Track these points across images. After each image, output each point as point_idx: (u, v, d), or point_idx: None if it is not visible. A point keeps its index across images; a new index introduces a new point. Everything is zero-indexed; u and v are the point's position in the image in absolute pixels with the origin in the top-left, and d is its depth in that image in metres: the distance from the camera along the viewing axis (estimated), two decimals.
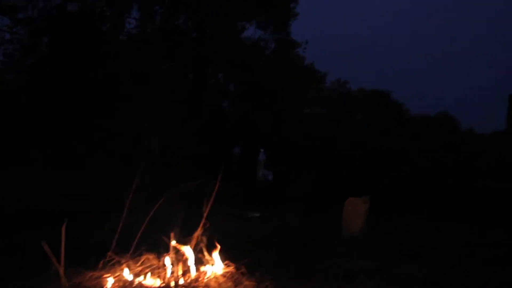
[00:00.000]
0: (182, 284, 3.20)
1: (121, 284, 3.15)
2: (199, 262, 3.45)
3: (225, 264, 3.49)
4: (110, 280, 3.14)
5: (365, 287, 3.61)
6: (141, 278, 3.23)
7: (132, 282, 3.16)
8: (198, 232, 3.51)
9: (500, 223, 5.96)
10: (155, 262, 3.31)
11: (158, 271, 3.28)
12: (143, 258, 3.32)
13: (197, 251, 3.46)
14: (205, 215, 3.63)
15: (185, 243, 3.41)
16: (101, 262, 3.31)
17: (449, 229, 6.13)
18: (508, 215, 5.88)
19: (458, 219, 6.70)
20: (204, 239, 3.50)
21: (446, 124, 25.88)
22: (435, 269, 4.06)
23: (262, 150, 11.74)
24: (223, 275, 3.41)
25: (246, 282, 3.41)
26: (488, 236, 5.59)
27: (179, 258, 3.34)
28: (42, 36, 11.85)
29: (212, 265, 3.46)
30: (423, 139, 20.75)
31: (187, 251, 3.37)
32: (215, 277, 3.36)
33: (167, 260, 3.29)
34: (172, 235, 3.36)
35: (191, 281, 3.27)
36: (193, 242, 3.47)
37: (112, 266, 3.29)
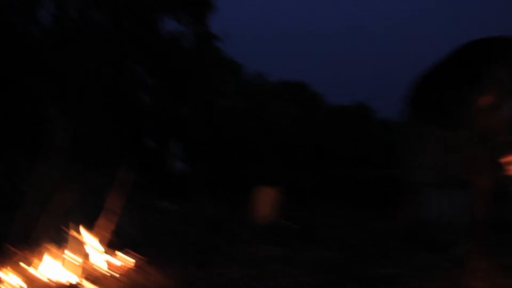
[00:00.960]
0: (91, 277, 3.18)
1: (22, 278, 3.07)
2: (102, 252, 3.43)
3: (132, 255, 3.51)
4: (8, 274, 3.05)
5: (272, 273, 3.71)
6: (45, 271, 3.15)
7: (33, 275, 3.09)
8: (100, 222, 3.49)
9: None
10: (55, 253, 3.23)
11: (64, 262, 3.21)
12: (44, 250, 3.24)
13: (100, 242, 3.45)
14: (108, 206, 3.61)
15: (87, 233, 3.38)
16: None
17: (357, 217, 6.43)
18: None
19: (368, 207, 7.02)
20: (107, 230, 3.49)
21: (361, 114, 26.81)
22: (340, 255, 4.21)
23: (176, 142, 11.72)
24: (129, 266, 3.44)
25: (154, 273, 3.44)
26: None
27: (81, 249, 3.30)
28: None
29: (114, 256, 3.46)
30: (339, 130, 21.41)
31: (89, 241, 3.34)
32: (121, 268, 3.38)
33: (68, 252, 3.22)
34: (73, 225, 3.31)
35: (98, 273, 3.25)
36: (95, 233, 3.45)
37: (10, 259, 3.20)
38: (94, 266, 3.32)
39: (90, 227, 3.47)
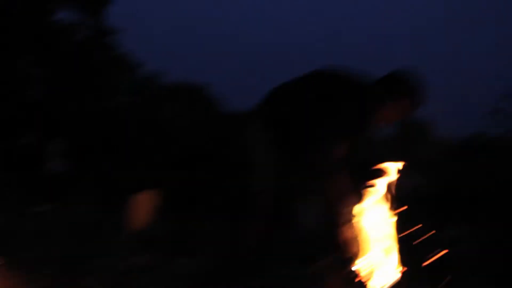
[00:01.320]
0: None
1: None
2: None
3: None
4: None
5: (135, 283, 3.61)
6: None
7: None
8: None
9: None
10: None
11: None
12: None
13: None
14: None
15: None
16: None
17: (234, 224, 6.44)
18: None
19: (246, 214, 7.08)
20: None
21: None
22: (212, 264, 4.18)
23: (58, 139, 11.21)
24: None
25: (7, 277, 3.23)
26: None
27: None
28: None
29: None
30: (233, 135, 21.56)
31: None
32: None
33: None
34: None
35: None
36: None
37: None
38: None
39: None
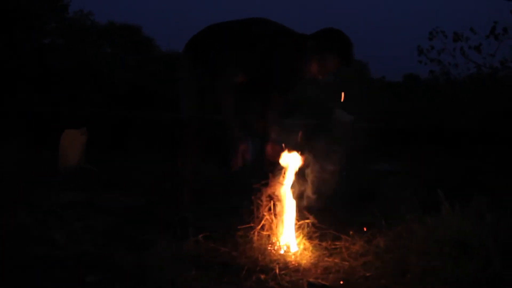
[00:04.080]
0: None
1: None
2: None
3: None
4: None
5: (67, 219, 3.55)
6: None
7: None
8: None
9: None
10: None
11: None
12: None
13: None
14: None
15: None
16: None
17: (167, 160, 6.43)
18: None
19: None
20: None
21: None
22: (146, 200, 4.18)
23: None
24: None
25: None
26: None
27: None
28: None
29: None
30: (170, 75, 21.25)
31: None
32: None
33: None
34: None
35: None
36: None
37: None
38: None
39: None
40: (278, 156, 2.82)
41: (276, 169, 2.79)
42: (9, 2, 13.67)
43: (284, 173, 2.74)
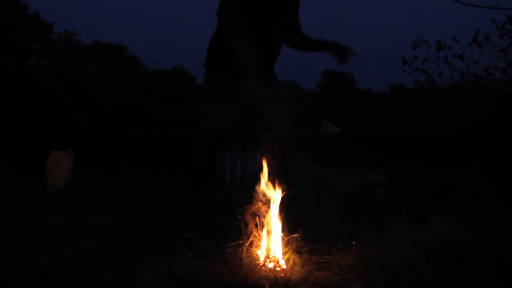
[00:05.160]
0: None
1: None
2: None
3: None
4: None
5: (54, 241, 3.51)
6: None
7: None
8: None
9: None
10: None
11: None
12: None
13: None
14: None
15: None
16: None
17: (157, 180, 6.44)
18: None
19: (171, 169, 7.09)
20: None
21: (180, 78, 27.01)
22: (134, 219, 4.16)
23: None
24: None
25: None
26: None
27: None
28: None
29: None
30: (157, 93, 21.25)
31: None
32: None
33: None
34: None
35: None
36: None
37: None
38: None
39: None
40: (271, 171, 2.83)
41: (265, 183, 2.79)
42: None
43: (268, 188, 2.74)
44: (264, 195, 2.72)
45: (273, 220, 2.70)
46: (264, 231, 2.67)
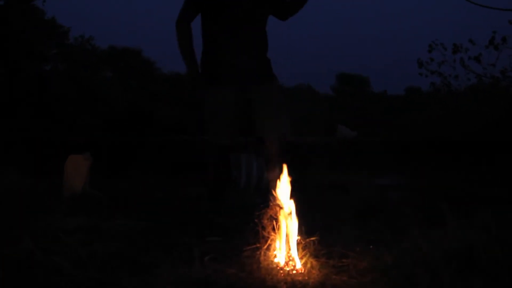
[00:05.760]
0: None
1: None
2: None
3: None
4: None
5: (72, 245, 3.53)
6: None
7: None
8: None
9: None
10: None
11: None
12: None
13: None
14: None
15: None
16: None
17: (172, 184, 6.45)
18: None
19: (186, 174, 7.11)
20: None
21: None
22: (150, 223, 4.16)
23: None
24: None
25: None
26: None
27: None
28: None
29: None
30: (172, 97, 21.34)
31: None
32: None
33: None
34: None
35: None
36: None
37: None
38: None
39: None
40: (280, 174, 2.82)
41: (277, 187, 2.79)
42: (10, 29, 13.80)
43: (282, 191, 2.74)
44: (280, 199, 2.72)
45: (290, 224, 2.69)
46: (282, 234, 2.66)
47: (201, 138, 6.92)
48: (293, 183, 2.78)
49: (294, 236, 2.68)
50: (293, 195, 2.77)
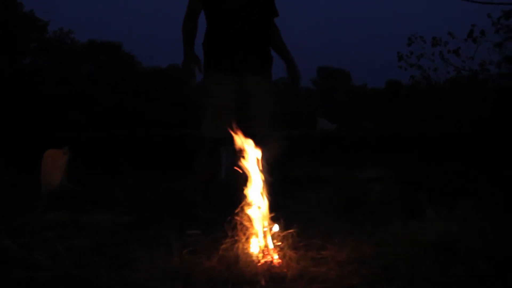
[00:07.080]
0: None
1: None
2: None
3: None
4: None
5: (49, 240, 3.49)
6: None
7: None
8: None
9: None
10: None
11: None
12: None
13: None
14: None
15: None
16: None
17: (153, 178, 6.40)
18: None
19: (167, 168, 7.06)
20: None
21: (177, 76, 26.92)
22: (131, 218, 4.13)
23: None
24: None
25: None
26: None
27: None
28: None
29: None
30: (155, 92, 21.19)
31: None
32: None
33: None
34: None
35: None
36: None
37: None
38: None
39: None
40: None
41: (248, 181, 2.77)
42: None
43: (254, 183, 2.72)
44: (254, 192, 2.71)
45: (266, 217, 2.69)
46: (260, 227, 2.65)
47: (185, 132, 6.88)
48: (273, 176, 2.78)
49: (272, 229, 2.68)
50: (274, 188, 2.77)
